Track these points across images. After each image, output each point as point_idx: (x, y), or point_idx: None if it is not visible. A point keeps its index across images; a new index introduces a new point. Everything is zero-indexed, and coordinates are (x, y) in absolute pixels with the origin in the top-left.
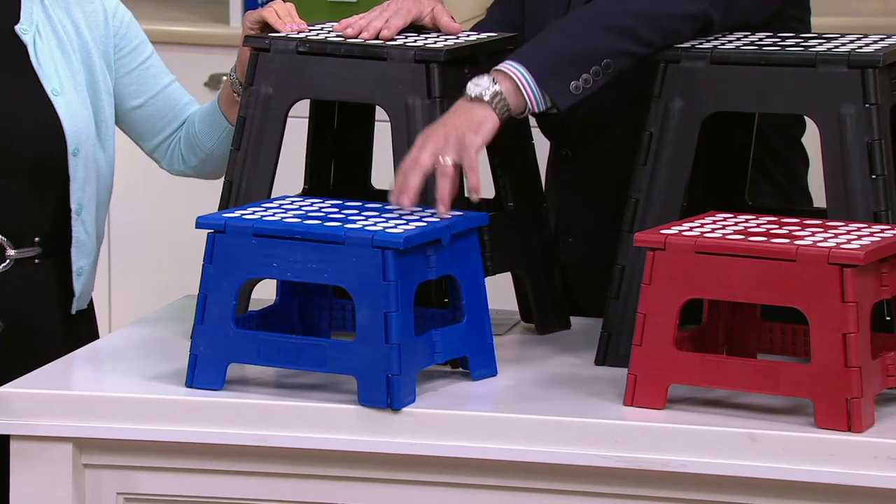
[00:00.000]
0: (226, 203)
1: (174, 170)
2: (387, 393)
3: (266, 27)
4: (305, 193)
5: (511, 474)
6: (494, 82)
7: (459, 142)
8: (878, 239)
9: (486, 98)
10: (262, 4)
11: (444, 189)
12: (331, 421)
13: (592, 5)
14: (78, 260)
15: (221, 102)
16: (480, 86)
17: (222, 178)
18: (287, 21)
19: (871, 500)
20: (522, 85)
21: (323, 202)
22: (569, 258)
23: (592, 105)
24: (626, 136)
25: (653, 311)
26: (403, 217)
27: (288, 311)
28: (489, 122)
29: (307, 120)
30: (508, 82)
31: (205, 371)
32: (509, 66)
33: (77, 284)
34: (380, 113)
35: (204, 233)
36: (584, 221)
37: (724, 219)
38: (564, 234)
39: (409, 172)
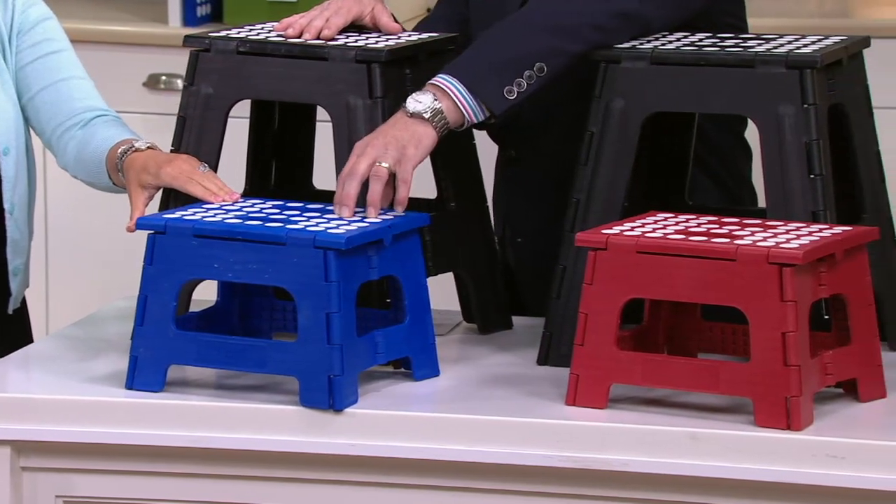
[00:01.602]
0: (166, 204)
1: (69, 172)
2: (329, 393)
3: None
4: (246, 194)
5: (453, 474)
6: (435, 99)
7: (399, 152)
8: (817, 238)
9: (427, 116)
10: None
11: (374, 192)
12: (272, 422)
13: (524, 10)
14: (13, 259)
15: (108, 160)
16: (422, 102)
17: None
18: (220, 194)
19: (810, 498)
20: (458, 99)
21: (264, 203)
22: (517, 258)
23: (535, 106)
24: (570, 136)
25: (594, 311)
26: (345, 218)
27: (228, 312)
28: (428, 139)
29: (248, 120)
30: (447, 99)
31: (145, 372)
32: (443, 81)
33: (13, 284)
34: (321, 113)
35: (144, 234)
36: (531, 222)
37: (665, 219)
38: (513, 234)
39: (347, 181)
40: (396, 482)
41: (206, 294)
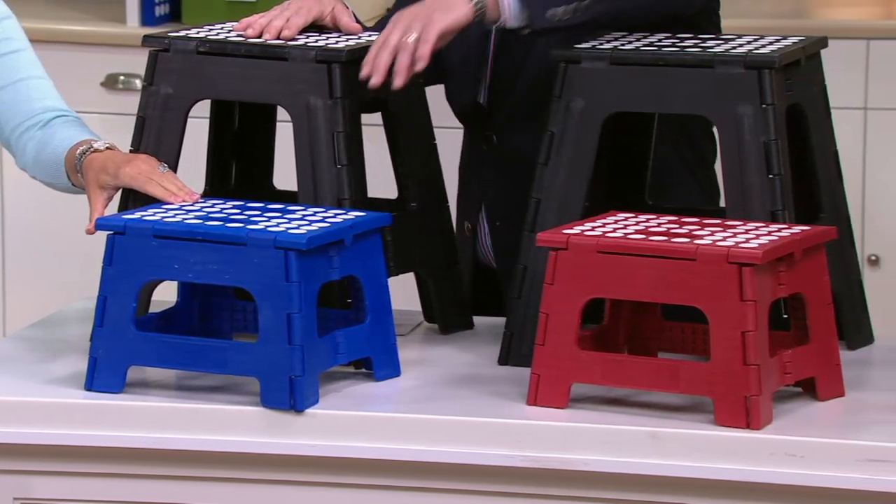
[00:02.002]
0: (125, 205)
1: (28, 173)
2: (290, 394)
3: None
4: (206, 194)
5: (414, 475)
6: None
7: (427, 18)
8: (776, 238)
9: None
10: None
11: (401, 62)
12: (233, 423)
13: None
14: None
15: (67, 161)
16: None
17: None
18: (180, 194)
19: (769, 496)
20: None
21: (224, 203)
22: (496, 244)
23: (523, 90)
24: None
25: (555, 311)
26: (306, 218)
27: (189, 312)
28: (460, 11)
29: (208, 120)
30: None
31: (104, 374)
32: None
33: None
34: (281, 113)
35: (103, 234)
36: (512, 203)
37: (626, 218)
38: (492, 218)
39: (379, 50)
40: (358, 483)
41: (165, 295)
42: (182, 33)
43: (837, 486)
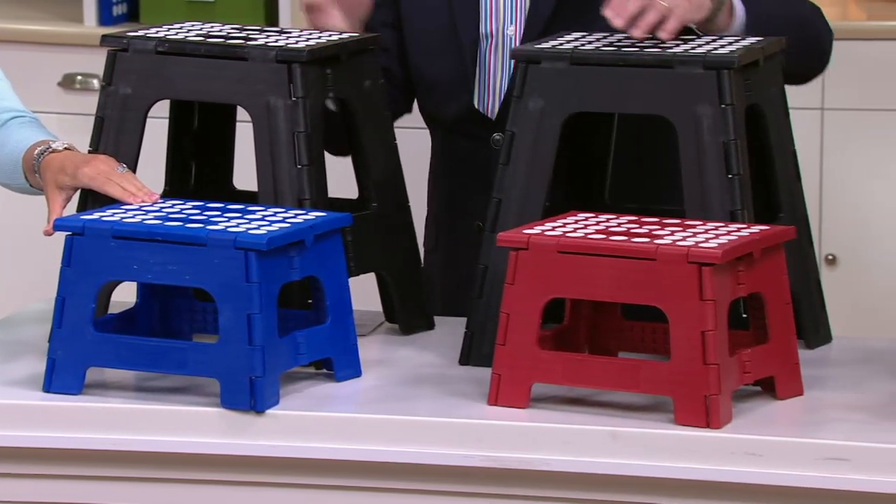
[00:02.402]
0: (84, 205)
1: None
2: (250, 395)
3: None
4: (166, 195)
5: (375, 475)
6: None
7: (682, 6)
8: (735, 238)
9: None
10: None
11: (646, 21)
12: (193, 424)
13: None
14: None
15: (25, 162)
16: None
17: None
18: (139, 195)
19: (729, 495)
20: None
21: (184, 203)
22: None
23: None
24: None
25: (516, 311)
26: (266, 218)
27: (148, 313)
28: (705, 9)
29: (167, 120)
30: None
31: (63, 375)
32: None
33: None
34: (241, 113)
35: (62, 235)
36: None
37: (586, 218)
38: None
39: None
40: (318, 483)
41: (125, 296)
42: (141, 33)
43: (796, 485)
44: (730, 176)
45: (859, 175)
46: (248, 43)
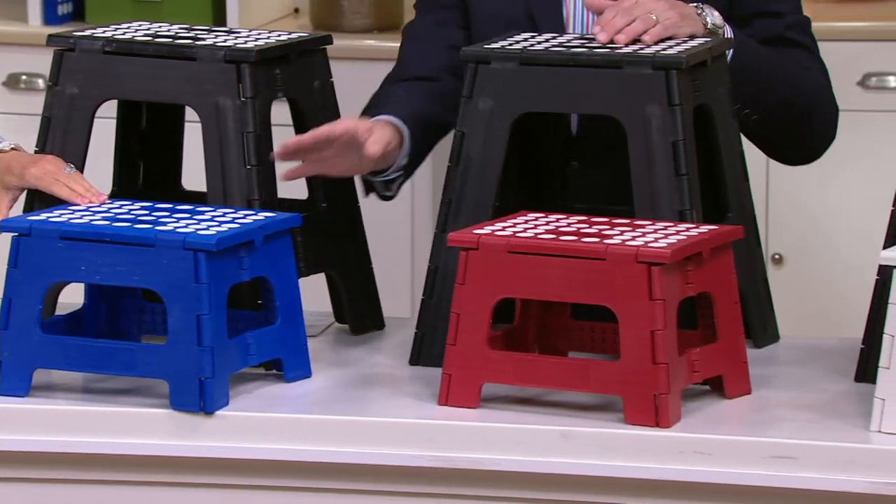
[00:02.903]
0: (31, 206)
1: None
2: (199, 396)
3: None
4: (114, 195)
5: (326, 476)
6: (721, 24)
7: (678, 22)
8: (684, 237)
9: (710, 26)
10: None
11: (633, 28)
12: (142, 425)
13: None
14: None
15: None
16: (716, 17)
17: None
18: (87, 195)
19: (678, 494)
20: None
21: (132, 204)
22: None
23: None
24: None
25: (466, 311)
26: (215, 219)
27: (96, 314)
28: (698, 28)
29: (115, 120)
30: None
31: (9, 377)
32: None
33: None
34: (190, 113)
35: (8, 236)
36: (597, 192)
37: (536, 218)
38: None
39: (619, 14)
40: (269, 484)
41: (73, 297)
42: (88, 32)
43: (744, 483)
44: (678, 176)
45: (805, 175)
46: (197, 43)
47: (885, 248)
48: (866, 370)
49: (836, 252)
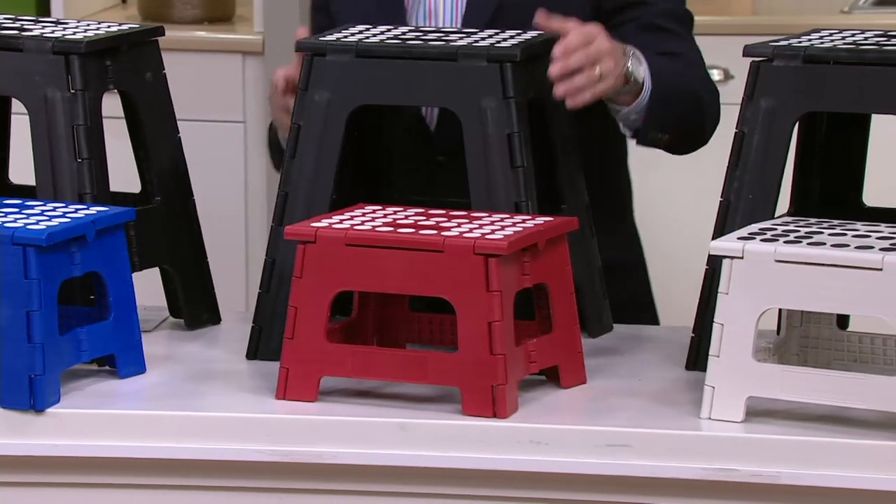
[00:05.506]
0: None
1: None
2: (29, 394)
3: None
4: None
5: (162, 472)
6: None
7: (616, 79)
8: (521, 229)
9: (634, 77)
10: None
11: (575, 83)
12: None
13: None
14: None
15: None
16: (642, 67)
17: None
18: None
19: (515, 484)
20: (641, 99)
21: None
22: None
23: None
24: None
25: (304, 304)
26: (45, 213)
27: None
28: (617, 81)
29: None
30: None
31: None
32: (646, 80)
33: None
34: (17, 105)
35: None
36: None
37: (374, 211)
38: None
39: (574, 56)
40: (103, 482)
41: None
42: None
43: (581, 472)
44: (514, 168)
45: (640, 164)
46: (24, 34)
47: (713, 238)
48: (697, 359)
49: (664, 244)
